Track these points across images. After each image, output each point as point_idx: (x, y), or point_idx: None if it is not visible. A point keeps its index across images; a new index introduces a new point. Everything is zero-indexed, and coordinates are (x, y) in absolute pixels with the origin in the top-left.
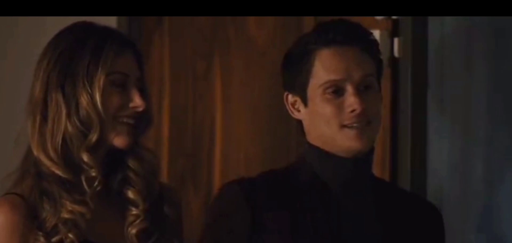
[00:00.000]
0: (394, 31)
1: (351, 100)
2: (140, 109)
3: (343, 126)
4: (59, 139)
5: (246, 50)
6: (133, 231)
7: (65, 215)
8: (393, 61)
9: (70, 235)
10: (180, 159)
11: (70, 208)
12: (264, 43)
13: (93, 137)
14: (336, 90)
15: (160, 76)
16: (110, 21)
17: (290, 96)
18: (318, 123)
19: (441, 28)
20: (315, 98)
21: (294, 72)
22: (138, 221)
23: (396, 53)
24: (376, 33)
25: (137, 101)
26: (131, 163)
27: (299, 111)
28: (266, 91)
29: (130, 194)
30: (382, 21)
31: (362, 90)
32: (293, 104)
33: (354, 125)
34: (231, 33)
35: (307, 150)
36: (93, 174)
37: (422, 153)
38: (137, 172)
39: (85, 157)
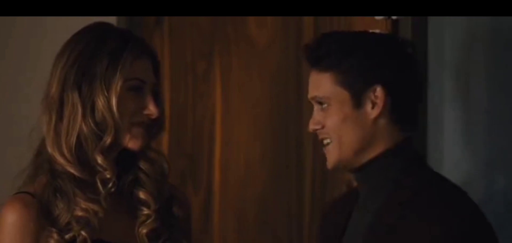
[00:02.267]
0: (394, 32)
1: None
2: (154, 116)
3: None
4: (73, 139)
5: (246, 50)
6: (144, 230)
7: (79, 213)
8: None
9: (83, 233)
10: (180, 158)
11: (83, 206)
12: (264, 43)
13: (108, 140)
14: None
15: (160, 76)
16: (110, 21)
17: None
18: None
19: (441, 28)
20: None
21: None
22: (149, 221)
23: None
24: None
25: (151, 109)
26: (142, 165)
27: None
28: (266, 91)
29: (142, 195)
30: (381, 22)
31: (321, 108)
32: None
33: (322, 144)
34: (231, 33)
35: None
36: (108, 176)
37: (422, 154)
38: (148, 173)
39: (99, 159)
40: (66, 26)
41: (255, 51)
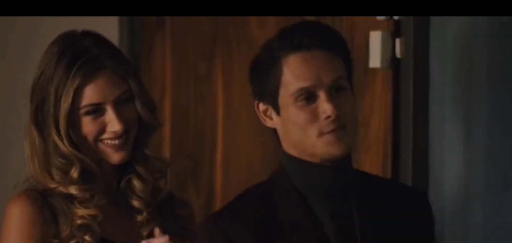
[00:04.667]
0: (396, 32)
1: (324, 106)
2: (120, 132)
3: (321, 134)
4: (44, 172)
5: (248, 50)
6: (144, 232)
7: (78, 222)
8: (395, 62)
9: (87, 238)
10: (181, 159)
11: (81, 214)
12: None
13: (74, 173)
14: (308, 97)
15: (162, 76)
16: (112, 21)
17: (261, 105)
18: (293, 130)
19: (443, 28)
20: (287, 107)
21: (262, 81)
22: (145, 225)
23: (398, 54)
24: (378, 34)
25: (114, 126)
26: (138, 168)
27: (271, 119)
28: None
29: (134, 202)
30: (383, 22)
31: (334, 94)
32: (264, 112)
33: (331, 132)
34: (232, 33)
35: (286, 162)
36: (87, 196)
37: (423, 155)
38: (143, 177)
39: (72, 190)
40: (66, 26)
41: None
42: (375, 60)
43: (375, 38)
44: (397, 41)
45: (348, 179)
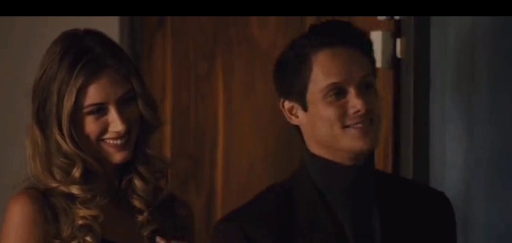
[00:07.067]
0: (396, 32)
1: (354, 101)
2: (122, 132)
3: (345, 126)
4: (46, 172)
5: (248, 50)
6: (145, 233)
7: (79, 222)
8: (396, 62)
9: (88, 238)
10: (182, 159)
11: (82, 214)
12: (267, 43)
13: (76, 173)
14: (338, 93)
15: (162, 76)
16: (112, 21)
17: (286, 103)
18: (320, 126)
19: (444, 28)
20: (316, 103)
21: (290, 79)
22: (146, 225)
23: (398, 54)
24: (379, 34)
25: (117, 126)
26: (139, 168)
27: (297, 117)
28: (268, 92)
29: (135, 202)
30: (384, 22)
31: (363, 90)
32: (290, 110)
33: (358, 125)
34: (233, 33)
35: (308, 160)
36: (89, 196)
37: (424, 155)
38: (144, 176)
39: (74, 190)
40: (67, 26)
41: (257, 52)
42: (376, 60)
43: (376, 38)
44: (398, 41)
45: (370, 179)
